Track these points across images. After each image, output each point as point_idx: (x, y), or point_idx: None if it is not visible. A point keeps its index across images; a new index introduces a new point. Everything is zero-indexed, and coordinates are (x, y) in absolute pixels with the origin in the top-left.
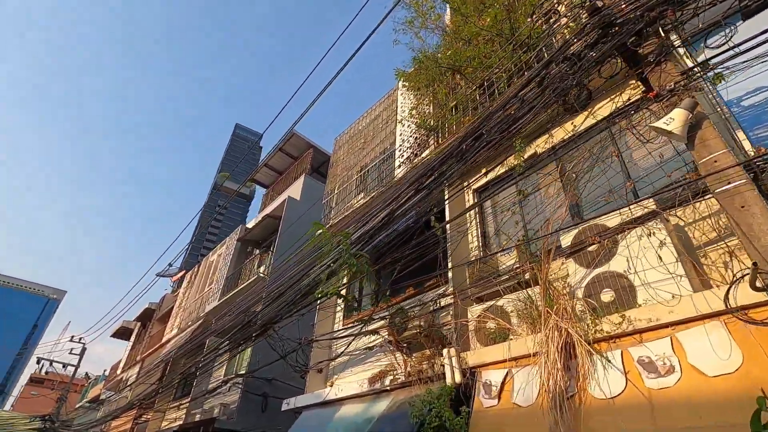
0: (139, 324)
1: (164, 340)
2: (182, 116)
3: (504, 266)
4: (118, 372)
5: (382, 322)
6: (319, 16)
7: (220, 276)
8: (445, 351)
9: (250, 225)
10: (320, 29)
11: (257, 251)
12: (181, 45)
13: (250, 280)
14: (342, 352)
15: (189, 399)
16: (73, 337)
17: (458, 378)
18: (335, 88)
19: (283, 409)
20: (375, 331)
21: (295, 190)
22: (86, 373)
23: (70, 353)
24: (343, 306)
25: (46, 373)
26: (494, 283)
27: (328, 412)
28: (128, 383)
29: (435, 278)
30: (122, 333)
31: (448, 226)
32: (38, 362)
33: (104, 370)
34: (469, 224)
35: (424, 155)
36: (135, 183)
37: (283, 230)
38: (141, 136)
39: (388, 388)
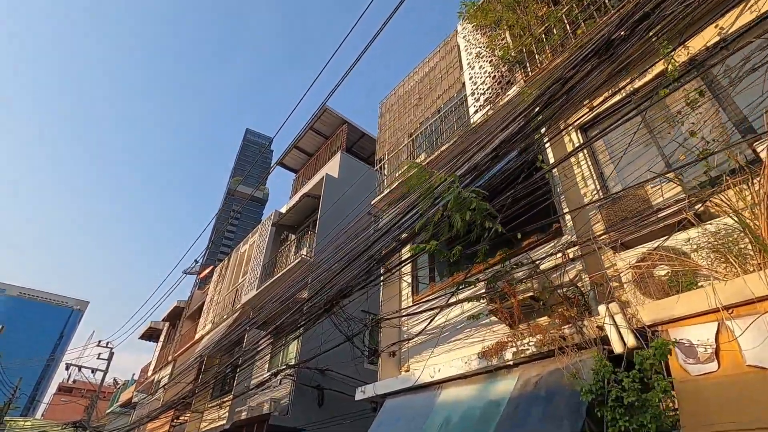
0: (167, 324)
1: (197, 336)
2: (191, 123)
3: (658, 200)
4: (149, 374)
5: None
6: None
7: (256, 264)
8: (602, 308)
9: (284, 209)
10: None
11: (293, 236)
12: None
13: (293, 263)
14: (423, 330)
15: (232, 396)
16: (100, 342)
17: (630, 341)
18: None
19: (357, 398)
20: (471, 299)
21: (332, 168)
22: (114, 379)
23: (98, 358)
24: (410, 282)
25: (74, 381)
26: (654, 220)
27: (424, 398)
28: (161, 384)
29: (537, 233)
30: (150, 334)
31: (554, 170)
32: (67, 368)
33: (132, 374)
34: (579, 165)
35: (510, 93)
36: (149, 190)
37: (324, 209)
38: (151, 142)
39: (511, 363)
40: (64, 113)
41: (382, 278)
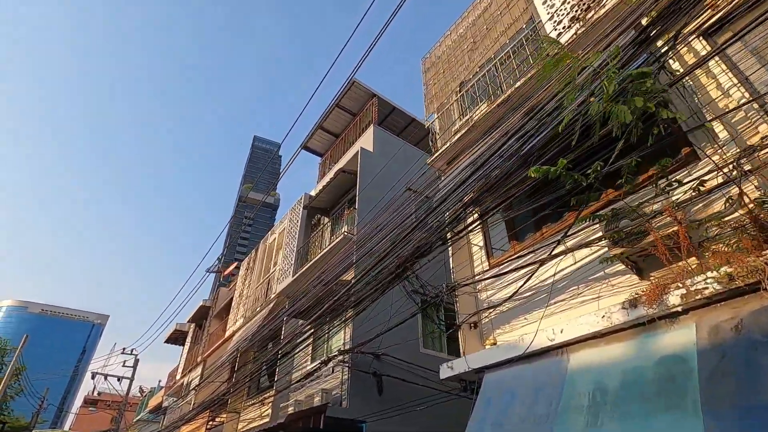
0: (193, 325)
1: (228, 334)
2: (200, 132)
3: None
4: (178, 377)
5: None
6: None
7: (289, 251)
8: None
9: (314, 192)
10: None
11: (326, 219)
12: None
13: (335, 242)
14: (516, 292)
15: (274, 391)
16: (124, 349)
17: None
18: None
19: (444, 376)
20: (585, 245)
21: (365, 143)
22: (140, 387)
23: (123, 365)
24: (484, 245)
25: (99, 393)
26: None
27: (544, 367)
28: (191, 387)
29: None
30: (176, 338)
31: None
32: (93, 377)
33: (159, 381)
34: (710, 76)
35: (605, 5)
36: (164, 198)
37: (363, 184)
38: (165, 150)
39: (680, 308)
40: (78, 125)
41: (458, 236)
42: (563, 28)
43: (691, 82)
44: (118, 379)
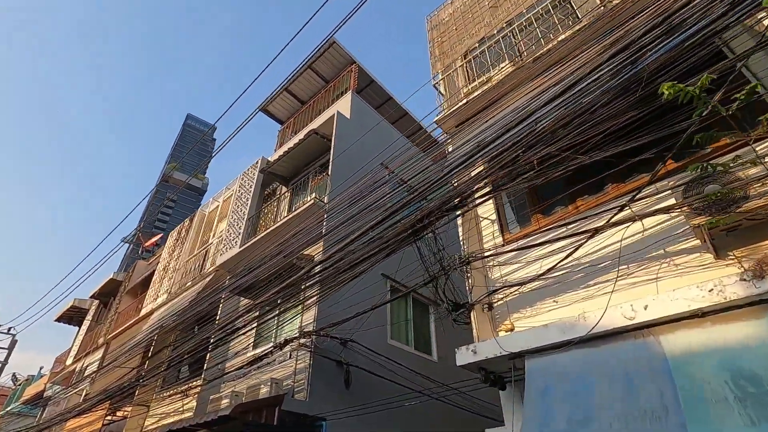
0: (96, 302)
1: (145, 312)
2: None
3: None
4: (69, 362)
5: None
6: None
7: (237, 218)
8: None
9: (273, 156)
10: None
11: (284, 189)
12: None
13: (302, 209)
14: (553, 268)
15: (202, 381)
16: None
17: None
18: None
19: (462, 362)
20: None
21: (342, 108)
22: (14, 374)
23: None
24: (498, 219)
25: None
26: None
27: (629, 349)
28: (86, 374)
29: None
30: (71, 316)
31: None
32: None
33: (40, 368)
34: None
35: None
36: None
37: (338, 151)
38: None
39: None
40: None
41: (473, 204)
42: None
43: None
44: None
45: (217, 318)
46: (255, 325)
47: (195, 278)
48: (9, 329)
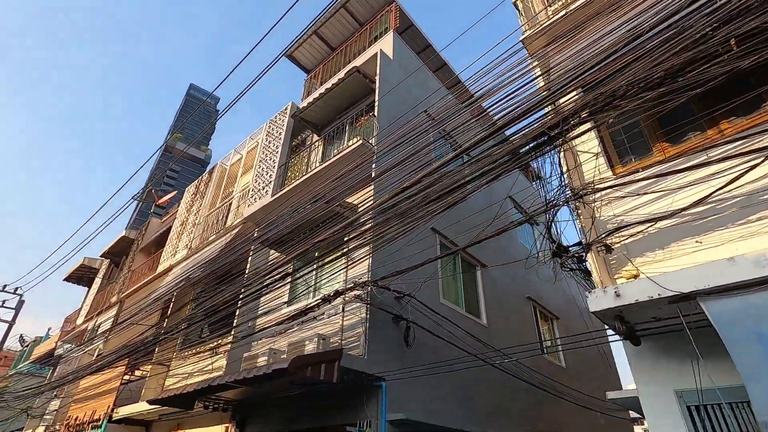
0: (108, 261)
1: (162, 268)
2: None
3: None
4: (79, 322)
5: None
6: None
7: (266, 168)
8: None
9: (305, 102)
10: None
11: (314, 137)
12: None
13: (348, 150)
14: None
15: (232, 338)
16: (5, 286)
17: None
18: None
19: (598, 307)
20: None
21: (385, 47)
22: (21, 336)
23: (2, 306)
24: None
25: None
26: None
27: None
28: (98, 332)
29: None
30: (81, 275)
31: None
32: None
33: (48, 329)
34: None
35: None
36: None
37: (383, 90)
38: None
39: None
40: None
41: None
42: None
43: None
44: None
45: (246, 272)
46: (292, 278)
47: (218, 232)
48: (15, 289)
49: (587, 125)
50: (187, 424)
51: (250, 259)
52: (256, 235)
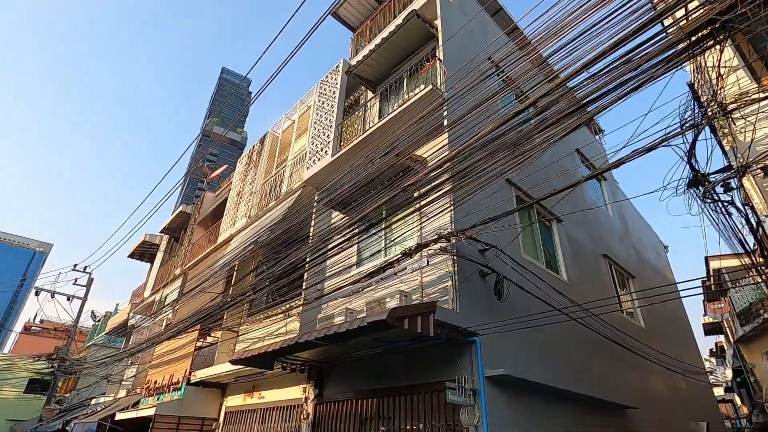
0: (167, 237)
1: (223, 238)
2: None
3: None
4: (146, 295)
5: None
6: None
7: (322, 129)
8: None
9: (357, 58)
10: None
11: (370, 94)
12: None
13: (418, 96)
14: None
15: (303, 300)
16: (76, 265)
17: None
18: None
19: None
20: None
21: None
22: (92, 312)
23: (75, 283)
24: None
25: (41, 321)
26: None
27: None
28: (165, 303)
29: None
30: (143, 252)
31: None
32: (36, 294)
33: (116, 304)
34: None
35: None
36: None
37: (446, 34)
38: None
39: None
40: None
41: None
42: None
43: None
44: (68, 299)
45: (311, 235)
46: (364, 237)
47: (278, 198)
48: (85, 268)
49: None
50: (262, 386)
51: (312, 222)
52: (317, 197)
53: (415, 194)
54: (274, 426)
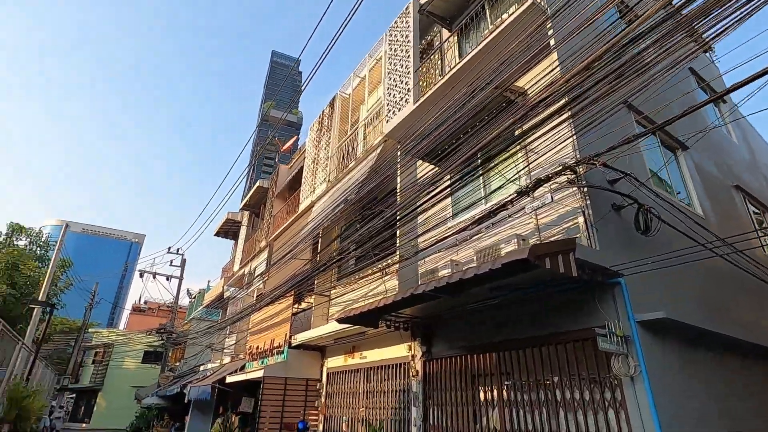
0: (248, 213)
1: (304, 207)
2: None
3: None
4: (236, 269)
5: None
6: None
7: (397, 78)
8: None
9: None
10: None
11: (445, 33)
12: None
13: (518, 12)
14: None
15: (398, 257)
16: (170, 248)
17: None
18: None
19: None
20: None
21: None
22: (188, 290)
23: (171, 265)
24: None
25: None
26: None
27: None
28: (255, 275)
29: None
30: (227, 230)
31: None
32: (141, 275)
33: (208, 281)
34: None
35: None
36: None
37: None
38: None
39: None
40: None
41: None
42: None
43: None
44: (167, 278)
45: (397, 190)
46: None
47: (357, 158)
48: (177, 250)
49: None
50: (362, 346)
51: (399, 178)
52: (399, 152)
53: (522, 127)
54: (381, 384)
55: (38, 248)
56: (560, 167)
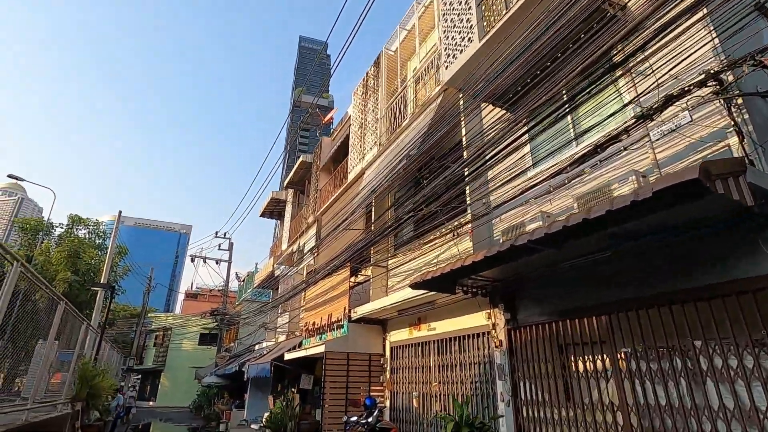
0: (292, 191)
1: (353, 175)
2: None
3: None
4: (284, 248)
5: None
6: None
7: (459, 11)
8: None
9: None
10: None
11: None
12: None
13: None
14: None
15: (470, 216)
16: (217, 233)
17: None
18: None
19: None
20: None
21: None
22: (236, 273)
23: (219, 249)
24: None
25: (198, 288)
26: None
27: None
28: (305, 251)
29: None
30: (272, 210)
31: None
32: (192, 260)
33: (256, 263)
34: None
35: None
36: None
37: None
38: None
39: None
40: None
41: None
42: None
43: None
44: (217, 262)
45: (463, 142)
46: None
47: (414, 113)
48: (225, 234)
49: None
50: (430, 317)
51: (464, 130)
52: (461, 100)
53: (625, 50)
54: (457, 356)
55: (97, 237)
56: (702, 75)
